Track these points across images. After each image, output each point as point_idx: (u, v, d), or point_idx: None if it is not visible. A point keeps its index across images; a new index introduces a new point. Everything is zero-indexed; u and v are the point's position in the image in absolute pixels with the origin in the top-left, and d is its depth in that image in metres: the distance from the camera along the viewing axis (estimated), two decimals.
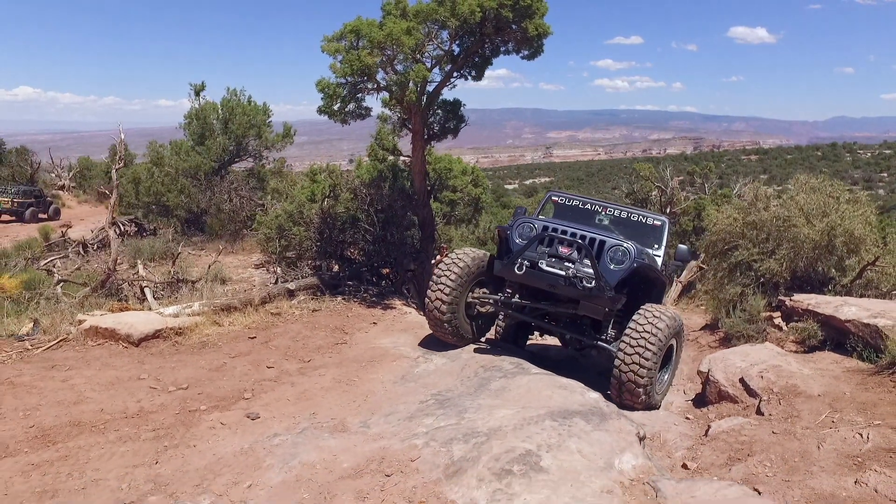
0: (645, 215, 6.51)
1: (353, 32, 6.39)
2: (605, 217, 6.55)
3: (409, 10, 6.34)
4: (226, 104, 18.69)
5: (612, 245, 5.10)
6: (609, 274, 5.01)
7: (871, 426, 3.52)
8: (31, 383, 4.64)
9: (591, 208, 6.65)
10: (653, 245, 6.11)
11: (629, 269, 5.00)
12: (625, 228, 6.31)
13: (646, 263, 5.16)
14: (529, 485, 2.95)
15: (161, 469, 3.60)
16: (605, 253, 5.08)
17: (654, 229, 6.33)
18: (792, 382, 4.51)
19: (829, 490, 2.98)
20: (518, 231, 5.50)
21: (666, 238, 6.21)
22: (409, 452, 3.52)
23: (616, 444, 3.38)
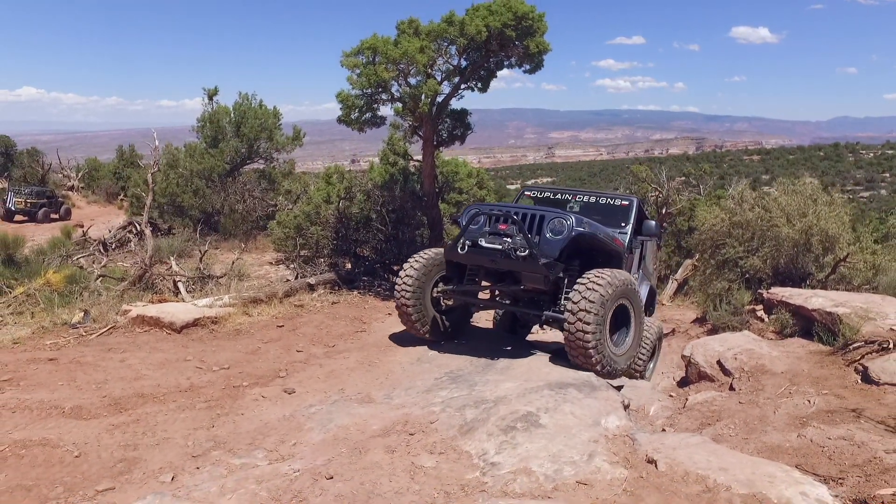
0: (613, 197, 6.81)
1: (370, 49, 7.04)
2: (576, 204, 6.82)
3: (421, 30, 6.98)
4: (238, 108, 19.40)
5: (551, 217, 5.30)
6: (549, 245, 5.21)
7: (819, 395, 4.16)
8: (95, 363, 5.31)
9: (561, 197, 6.98)
10: (620, 224, 6.40)
11: (568, 237, 5.16)
12: (595, 212, 6.54)
13: (588, 232, 5.30)
14: (530, 437, 3.59)
15: (217, 431, 4.25)
16: (545, 225, 5.26)
17: (621, 209, 6.59)
18: (761, 363, 5.15)
19: (777, 442, 3.62)
20: (466, 216, 5.79)
21: (634, 216, 6.45)
22: (428, 417, 4.17)
23: (603, 408, 4.02)
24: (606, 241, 5.64)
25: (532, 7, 6.75)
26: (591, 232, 5.38)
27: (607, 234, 5.74)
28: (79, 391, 4.67)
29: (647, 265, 7.38)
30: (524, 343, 6.78)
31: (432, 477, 3.38)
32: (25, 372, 4.99)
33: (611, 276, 4.99)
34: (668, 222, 15.22)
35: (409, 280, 5.85)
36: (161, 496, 3.17)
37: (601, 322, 4.82)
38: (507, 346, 6.28)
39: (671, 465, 3.07)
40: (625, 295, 5.18)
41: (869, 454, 3.14)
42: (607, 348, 4.95)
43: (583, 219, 5.42)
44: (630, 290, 5.26)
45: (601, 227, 5.72)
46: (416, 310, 5.87)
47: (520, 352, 5.85)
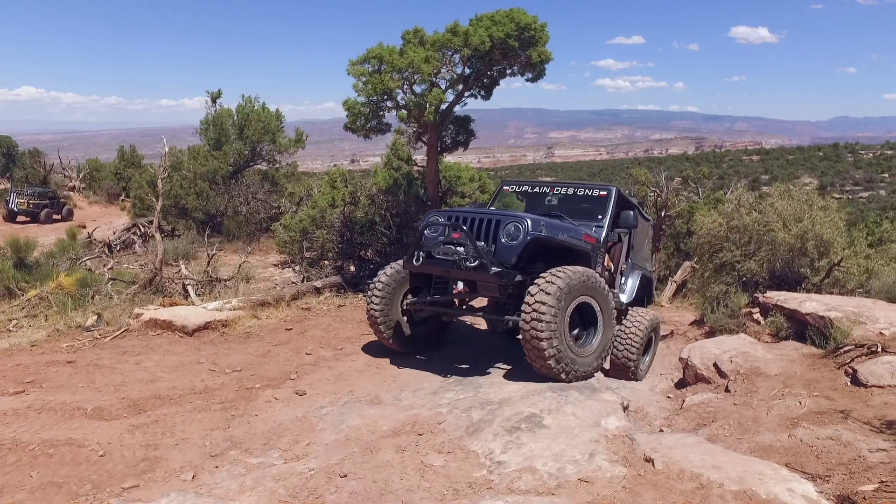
0: (591, 188, 6.48)
1: (376, 58, 7.22)
2: (554, 197, 6.60)
3: (426, 39, 7.17)
4: (241, 110, 19.59)
5: (506, 222, 5.09)
6: (505, 251, 5.03)
7: (810, 396, 4.34)
8: (112, 365, 5.50)
9: (539, 191, 6.77)
10: (597, 216, 6.15)
11: (524, 242, 4.97)
12: (573, 204, 6.39)
13: (544, 235, 5.10)
14: (534, 437, 3.78)
15: (233, 432, 4.44)
16: (501, 230, 5.07)
17: (599, 200, 6.30)
18: (756, 365, 5.33)
19: (769, 442, 3.80)
20: (423, 224, 5.63)
21: (612, 207, 6.16)
22: (436, 418, 4.36)
23: (603, 410, 4.21)
24: (568, 240, 5.42)
25: (534, 17, 6.93)
26: (548, 235, 5.18)
27: (573, 232, 5.53)
28: (98, 393, 4.86)
29: (639, 254, 7.12)
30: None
31: (441, 475, 3.56)
32: (46, 374, 5.18)
33: (567, 273, 4.75)
34: (666, 225, 15.41)
35: (377, 292, 5.73)
36: (184, 493, 3.35)
37: (557, 322, 4.59)
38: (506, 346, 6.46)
39: (667, 464, 3.25)
40: (587, 292, 4.96)
41: (854, 453, 3.32)
42: (567, 350, 4.71)
43: (541, 220, 5.20)
44: (593, 287, 5.01)
45: (565, 225, 5.54)
46: (385, 321, 5.75)
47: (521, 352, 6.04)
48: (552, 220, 5.59)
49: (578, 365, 4.85)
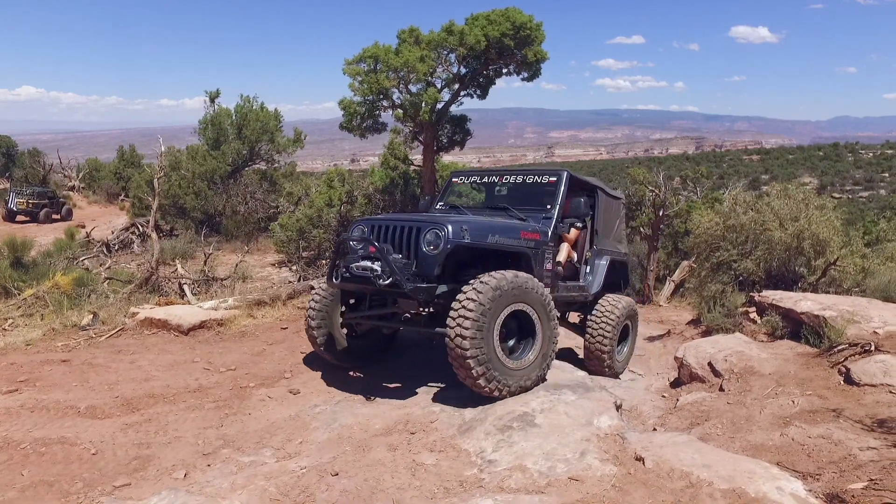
0: (540, 174, 5.95)
1: (371, 57, 7.22)
2: (504, 187, 6.20)
3: (422, 39, 7.17)
4: (239, 110, 19.62)
5: (426, 229, 4.61)
6: (427, 261, 4.56)
7: (803, 395, 4.34)
8: (106, 364, 5.50)
9: (488, 181, 6.38)
10: (546, 205, 5.60)
11: (445, 251, 4.47)
12: (523, 193, 5.98)
13: (467, 243, 4.56)
14: (526, 436, 3.78)
15: (226, 430, 4.44)
16: (422, 239, 4.59)
17: (548, 188, 5.74)
18: (750, 364, 5.33)
19: (761, 441, 3.80)
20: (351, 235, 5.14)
21: (562, 195, 5.60)
22: (428, 416, 4.36)
23: (596, 409, 4.20)
24: (499, 243, 4.86)
25: (530, 17, 6.92)
26: (473, 241, 4.62)
27: (507, 231, 4.99)
28: (92, 392, 4.86)
29: (607, 238, 6.54)
30: None
31: (432, 473, 3.56)
32: (41, 373, 5.18)
33: (495, 281, 4.28)
34: (665, 224, 15.43)
35: (314, 304, 5.32)
36: (175, 492, 3.35)
37: (484, 337, 4.13)
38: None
39: (658, 463, 3.25)
40: (521, 299, 4.45)
41: (844, 451, 3.32)
42: (498, 365, 4.24)
43: (464, 224, 4.67)
44: (529, 293, 4.50)
45: (496, 224, 5.03)
46: (322, 335, 5.31)
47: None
48: (484, 219, 5.16)
49: (513, 380, 4.36)
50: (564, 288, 5.73)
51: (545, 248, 5.29)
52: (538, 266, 5.17)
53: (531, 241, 5.15)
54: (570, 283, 5.89)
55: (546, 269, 5.31)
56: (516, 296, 4.41)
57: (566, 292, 5.79)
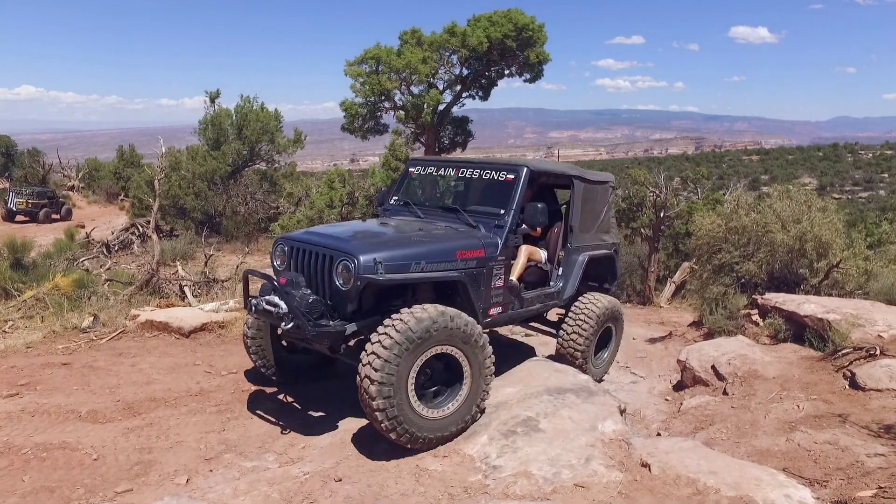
0: (498, 169, 5.04)
1: (373, 59, 7.21)
2: (460, 182, 5.54)
3: (424, 40, 7.16)
4: (239, 111, 19.57)
5: (337, 259, 4.00)
6: (340, 298, 4.02)
7: (808, 400, 4.32)
8: (107, 367, 5.47)
9: (444, 173, 5.56)
10: (500, 210, 4.77)
11: (355, 287, 3.89)
12: (482, 190, 5.34)
13: (381, 279, 3.87)
14: (530, 441, 3.76)
15: (228, 435, 4.41)
16: (334, 270, 4.01)
17: (504, 187, 4.87)
18: (753, 368, 5.31)
19: (766, 446, 3.78)
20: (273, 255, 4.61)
21: (519, 196, 4.75)
22: None
23: (600, 413, 4.18)
24: (425, 274, 4.12)
25: (532, 18, 6.91)
26: (389, 278, 3.91)
27: (438, 254, 4.21)
28: (93, 395, 4.83)
29: (588, 232, 5.72)
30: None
31: (436, 479, 3.54)
32: (41, 376, 5.16)
33: (415, 320, 3.71)
34: (665, 225, 15.41)
35: (250, 320, 4.90)
36: (178, 498, 3.33)
37: (394, 381, 3.63)
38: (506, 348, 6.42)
39: (664, 469, 3.23)
40: (447, 341, 3.85)
41: (852, 458, 3.30)
42: (409, 413, 3.72)
43: (378, 255, 3.93)
44: (456, 334, 3.87)
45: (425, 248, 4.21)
46: (257, 348, 4.91)
47: (518, 353, 5.98)
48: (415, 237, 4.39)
49: (427, 432, 3.81)
50: (527, 301, 5.02)
51: (493, 265, 4.53)
52: (484, 286, 4.49)
53: (472, 260, 4.38)
54: (535, 292, 5.14)
55: (495, 287, 4.59)
56: (440, 339, 3.82)
57: (528, 306, 5.05)
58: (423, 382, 3.90)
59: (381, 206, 5.63)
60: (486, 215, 4.83)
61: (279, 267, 4.53)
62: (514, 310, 4.89)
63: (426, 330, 3.72)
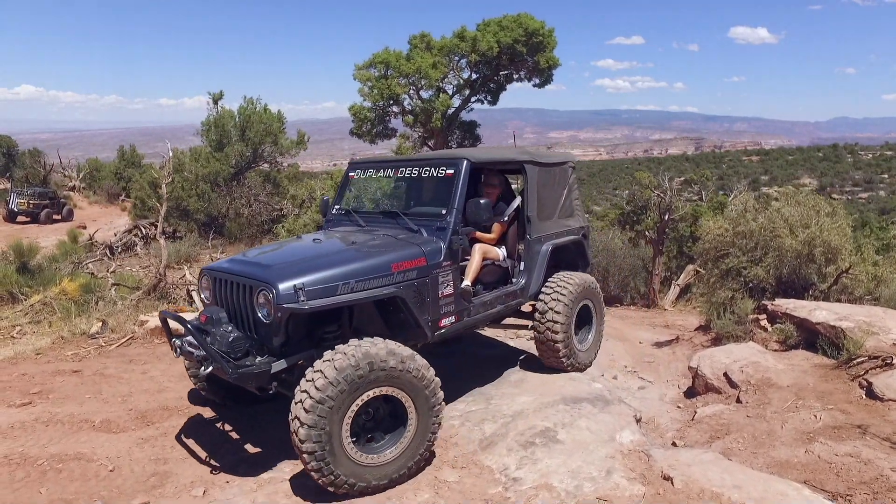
0: (436, 165, 4.60)
1: (382, 63, 7.18)
2: (401, 183, 5.21)
3: (433, 45, 7.14)
4: (242, 112, 19.52)
5: (257, 290, 3.59)
6: (264, 330, 3.61)
7: (825, 409, 4.30)
8: (118, 375, 5.45)
9: (383, 174, 5.07)
10: (442, 208, 4.38)
11: (276, 317, 3.48)
12: (423, 189, 5.00)
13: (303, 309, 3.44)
14: (549, 452, 3.74)
15: (243, 445, 4.38)
16: (255, 301, 3.63)
17: (445, 184, 4.46)
18: (767, 376, 5.29)
19: (785, 458, 3.76)
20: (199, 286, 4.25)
21: (461, 192, 4.33)
22: (448, 430, 4.30)
23: (617, 423, 4.17)
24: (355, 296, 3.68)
25: (542, 23, 6.90)
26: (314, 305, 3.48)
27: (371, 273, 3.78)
28: (106, 404, 4.81)
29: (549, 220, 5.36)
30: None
31: (456, 491, 3.52)
32: (52, 384, 5.14)
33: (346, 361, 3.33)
34: (670, 228, 15.39)
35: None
36: None
37: (325, 426, 3.27)
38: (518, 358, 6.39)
39: (687, 483, 3.21)
40: (384, 382, 3.45)
41: (876, 471, 3.28)
42: (342, 459, 3.37)
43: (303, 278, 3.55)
44: (396, 374, 3.47)
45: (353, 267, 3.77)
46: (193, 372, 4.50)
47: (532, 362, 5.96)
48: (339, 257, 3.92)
49: (360, 479, 3.45)
50: (485, 305, 4.62)
51: (438, 273, 4.15)
52: (430, 297, 4.10)
53: (411, 271, 3.98)
54: (494, 293, 4.77)
55: (443, 295, 4.21)
56: (380, 380, 3.43)
57: (487, 309, 4.66)
58: (363, 423, 3.55)
59: (325, 217, 5.26)
60: (427, 217, 4.44)
61: (206, 300, 4.16)
62: (469, 316, 4.47)
63: (363, 372, 3.34)
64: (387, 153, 12.67)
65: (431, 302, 4.13)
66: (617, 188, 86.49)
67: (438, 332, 4.21)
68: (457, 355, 6.02)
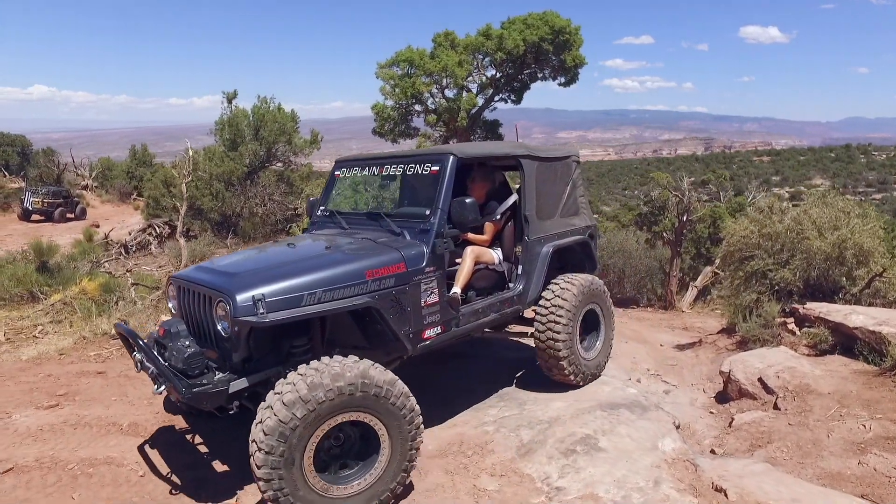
0: (421, 161, 4.24)
1: (406, 61, 7.08)
2: (387, 182, 4.94)
3: (458, 43, 7.04)
4: (256, 111, 19.48)
5: (216, 300, 3.30)
6: (226, 343, 3.32)
7: (874, 419, 4.16)
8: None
9: (369, 173, 4.72)
10: (426, 208, 4.03)
11: (234, 331, 3.18)
12: (410, 188, 4.76)
13: (264, 322, 3.09)
14: (592, 461, 3.63)
15: None
16: (214, 313, 3.34)
17: (431, 182, 4.10)
18: (805, 382, 5.15)
19: (837, 469, 3.63)
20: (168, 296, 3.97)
21: (445, 193, 3.96)
22: (483, 437, 4.20)
23: (658, 431, 4.05)
24: (320, 307, 3.33)
25: (568, 21, 6.79)
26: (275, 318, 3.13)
27: (341, 281, 3.43)
28: (132, 407, 4.74)
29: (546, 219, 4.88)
30: None
31: (497, 500, 3.41)
32: (78, 386, 5.08)
33: (310, 385, 2.99)
34: (688, 229, 15.23)
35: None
36: None
37: (284, 454, 2.93)
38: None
39: (742, 495, 3.09)
40: (356, 406, 3.11)
41: None
42: (304, 488, 3.03)
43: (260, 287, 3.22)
44: (369, 399, 3.13)
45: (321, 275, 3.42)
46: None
47: None
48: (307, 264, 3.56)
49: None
50: (476, 313, 4.23)
51: (421, 279, 3.78)
52: (411, 306, 3.74)
53: (388, 279, 3.62)
54: (488, 299, 4.38)
55: (427, 304, 3.84)
56: (349, 405, 3.08)
57: (479, 318, 4.27)
58: (330, 448, 3.22)
59: (310, 219, 4.91)
60: (411, 219, 4.09)
61: (174, 311, 3.88)
62: (458, 326, 4.08)
63: (330, 396, 3.00)
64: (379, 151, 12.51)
65: (413, 312, 3.76)
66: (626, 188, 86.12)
67: (422, 343, 3.85)
68: (486, 358, 5.91)
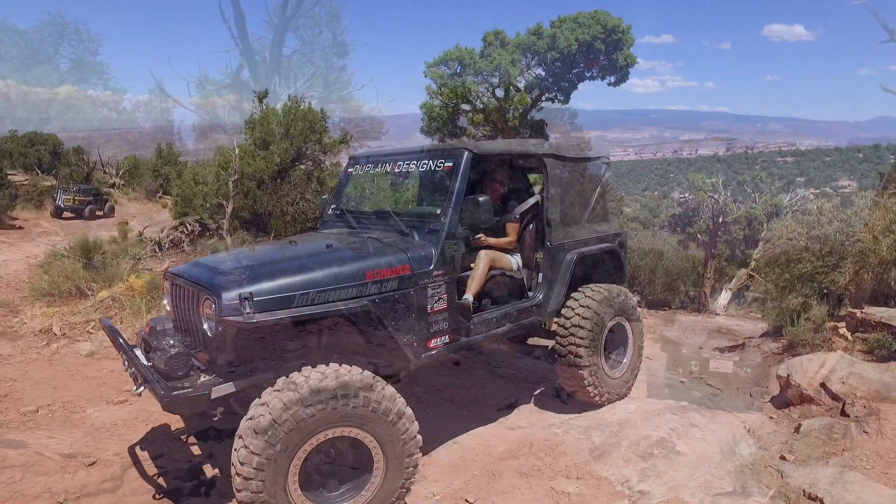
0: (435, 157, 4.00)
1: (455, 60, 7.07)
2: (400, 179, 4.70)
3: (508, 41, 7.01)
4: (287, 110, 19.62)
5: (202, 298, 3.13)
6: (212, 344, 3.09)
7: None
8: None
9: (381, 170, 4.48)
10: (437, 208, 3.83)
11: (219, 332, 2.99)
12: (425, 184, 4.57)
13: (251, 322, 2.88)
14: (671, 465, 3.58)
15: None
16: (201, 311, 3.16)
17: (444, 179, 3.88)
18: (875, 388, 5.04)
19: None
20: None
21: (458, 191, 3.70)
22: (552, 439, 4.18)
23: (731, 434, 4.00)
24: (312, 309, 3.09)
25: (619, 20, 6.73)
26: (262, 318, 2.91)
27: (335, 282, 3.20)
28: None
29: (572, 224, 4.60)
30: None
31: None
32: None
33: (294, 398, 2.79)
34: (722, 231, 15.04)
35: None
36: None
37: (265, 476, 2.74)
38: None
39: None
40: (347, 422, 2.91)
41: None
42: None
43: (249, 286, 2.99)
44: (360, 412, 2.92)
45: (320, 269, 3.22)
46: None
47: None
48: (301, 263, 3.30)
49: None
50: (488, 323, 3.97)
51: (427, 283, 3.53)
52: (415, 312, 3.49)
53: (390, 281, 3.37)
54: (503, 308, 4.13)
55: (434, 310, 3.58)
56: (337, 419, 2.86)
57: (492, 328, 4.01)
58: (318, 465, 3.01)
59: (322, 218, 4.75)
60: (422, 218, 3.87)
61: (168, 308, 3.69)
62: (468, 336, 3.82)
63: (319, 409, 2.80)
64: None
65: (417, 318, 3.50)
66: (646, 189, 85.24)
67: (427, 353, 3.58)
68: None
